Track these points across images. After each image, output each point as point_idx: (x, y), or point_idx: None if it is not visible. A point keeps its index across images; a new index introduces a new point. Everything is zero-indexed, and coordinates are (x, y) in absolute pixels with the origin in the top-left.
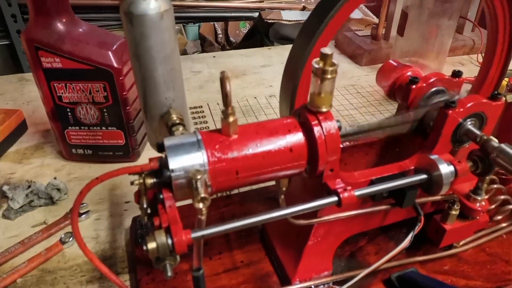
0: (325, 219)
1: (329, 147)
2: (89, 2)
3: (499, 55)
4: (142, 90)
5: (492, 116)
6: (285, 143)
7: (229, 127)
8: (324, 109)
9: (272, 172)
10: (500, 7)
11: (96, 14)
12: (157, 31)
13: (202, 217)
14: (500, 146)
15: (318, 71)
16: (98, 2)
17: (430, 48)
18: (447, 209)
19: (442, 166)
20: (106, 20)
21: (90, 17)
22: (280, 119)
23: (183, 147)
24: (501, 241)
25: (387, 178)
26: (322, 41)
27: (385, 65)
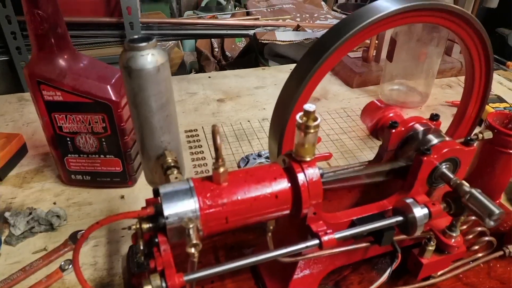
0: (309, 257)
1: (312, 193)
2: (89, 20)
3: (475, 97)
4: (139, 134)
5: (465, 160)
6: (271, 190)
7: (219, 177)
8: (308, 158)
9: (259, 216)
10: (477, 56)
11: (96, 31)
12: (154, 83)
13: (195, 260)
14: (471, 191)
15: (302, 126)
16: (98, 20)
17: (418, 72)
18: (424, 245)
19: (416, 210)
20: (106, 37)
21: (91, 33)
22: (267, 167)
23: (177, 195)
24: (477, 270)
25: (366, 218)
26: (312, 84)
27: (369, 105)
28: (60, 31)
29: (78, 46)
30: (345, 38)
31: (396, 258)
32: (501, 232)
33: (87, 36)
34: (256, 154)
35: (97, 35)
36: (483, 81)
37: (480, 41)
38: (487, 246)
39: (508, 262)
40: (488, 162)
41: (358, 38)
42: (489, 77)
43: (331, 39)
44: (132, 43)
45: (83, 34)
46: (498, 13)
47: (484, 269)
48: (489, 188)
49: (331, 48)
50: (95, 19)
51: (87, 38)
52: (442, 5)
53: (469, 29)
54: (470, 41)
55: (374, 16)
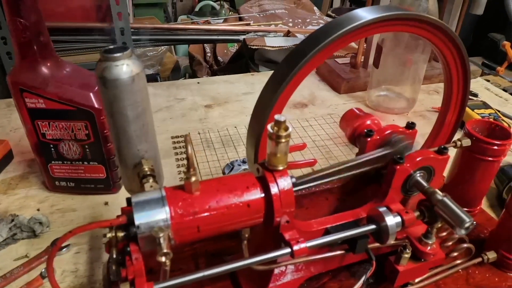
0: (282, 265)
1: (284, 202)
2: (80, 25)
3: (454, 104)
4: (116, 143)
5: (439, 169)
6: (243, 199)
7: (191, 186)
8: (281, 168)
9: (232, 225)
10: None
11: (87, 37)
12: (129, 93)
13: (166, 268)
14: (443, 200)
15: (273, 136)
16: (89, 25)
17: (405, 78)
18: (400, 252)
19: (389, 218)
20: (97, 42)
21: (82, 39)
22: (240, 176)
23: (148, 204)
24: (456, 277)
25: (340, 227)
26: (289, 90)
27: (348, 113)
28: (43, 39)
29: (69, 51)
30: (321, 46)
31: (371, 266)
32: (481, 239)
33: (78, 42)
34: (241, 160)
35: (88, 40)
36: (461, 88)
37: (457, 50)
38: (466, 253)
39: (487, 269)
40: (467, 169)
41: (335, 46)
42: (466, 84)
43: (308, 47)
44: (107, 54)
45: (73, 40)
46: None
47: (463, 276)
48: (469, 195)
49: (308, 55)
50: (86, 25)
51: (78, 43)
52: (418, 15)
53: (445, 39)
54: (446, 51)
55: (350, 25)
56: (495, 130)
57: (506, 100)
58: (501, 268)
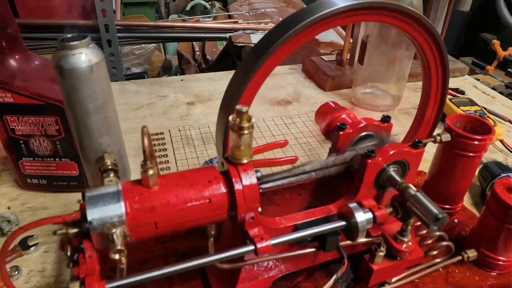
0: (248, 263)
1: (248, 197)
2: (64, 22)
3: (433, 99)
4: (78, 137)
5: (413, 163)
6: (204, 194)
7: (148, 180)
8: (245, 161)
9: (192, 221)
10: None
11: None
12: (87, 84)
13: (122, 266)
14: (415, 195)
15: (235, 127)
16: (73, 22)
17: (389, 75)
18: (374, 250)
19: (359, 214)
20: None
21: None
22: (202, 170)
23: (103, 199)
24: (435, 276)
25: (309, 223)
26: (258, 80)
27: (323, 106)
28: (10, 32)
29: (52, 48)
30: (290, 34)
31: (342, 264)
32: (462, 237)
33: None
34: None
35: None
36: (440, 82)
37: (434, 42)
38: (446, 251)
39: (467, 268)
40: (448, 165)
41: (306, 34)
42: (445, 79)
43: (278, 34)
44: (64, 42)
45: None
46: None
47: (442, 275)
48: (450, 192)
49: (276, 43)
50: (70, 21)
51: None
52: (392, 4)
53: (422, 31)
54: (423, 42)
55: (320, 13)
56: (476, 125)
57: (493, 97)
58: (481, 267)
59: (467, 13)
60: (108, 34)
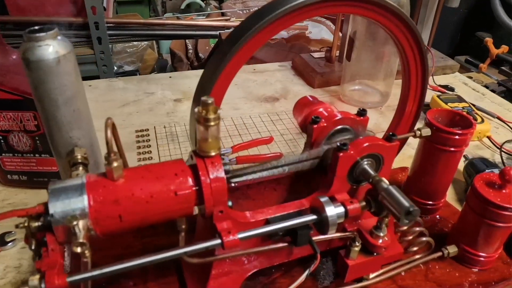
0: (218, 258)
1: (215, 191)
2: (54, 19)
3: (413, 93)
4: (47, 130)
5: (388, 157)
6: (170, 187)
7: (113, 172)
8: (213, 153)
9: (158, 215)
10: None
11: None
12: (54, 76)
13: (86, 260)
14: (388, 188)
15: (201, 119)
16: (63, 20)
17: (377, 71)
18: (349, 245)
19: (329, 209)
20: (72, 37)
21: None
22: (169, 163)
23: (66, 191)
24: (415, 272)
25: (281, 218)
26: (231, 68)
27: (301, 100)
28: None
29: None
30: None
31: (315, 259)
32: (444, 233)
33: None
34: None
35: (63, 35)
36: (420, 76)
37: (412, 35)
38: (428, 247)
39: (448, 264)
40: (429, 160)
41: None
42: (424, 72)
43: (251, 23)
44: (30, 33)
45: None
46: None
47: (422, 271)
48: (432, 188)
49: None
50: (60, 19)
51: None
52: None
53: (398, 23)
54: (400, 35)
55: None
56: (457, 119)
57: (483, 94)
58: (462, 263)
59: (462, 12)
60: (98, 32)
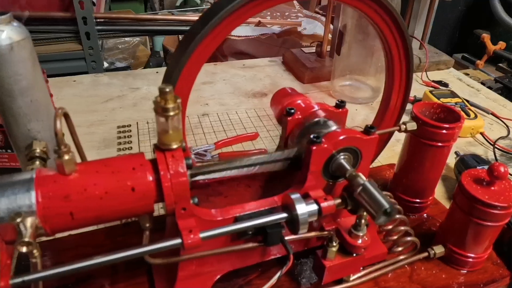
0: (183, 259)
1: (176, 187)
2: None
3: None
4: (4, 122)
5: (366, 151)
6: (126, 182)
7: (63, 166)
8: (175, 146)
9: (114, 213)
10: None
11: (49, 26)
12: (7, 64)
13: (34, 260)
14: (364, 184)
15: (159, 109)
16: (50, 15)
17: (368, 66)
18: (326, 245)
19: (300, 206)
20: (60, 32)
21: (43, 29)
22: (127, 156)
23: (13, 187)
24: (399, 274)
25: (249, 216)
26: (201, 52)
27: (279, 91)
28: None
29: None
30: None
31: (288, 260)
32: (432, 232)
33: (39, 32)
34: None
35: (50, 30)
36: (404, 67)
37: (393, 22)
38: (413, 247)
39: (434, 265)
40: (416, 156)
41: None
42: (409, 62)
43: (223, 4)
44: None
45: (35, 29)
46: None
47: (407, 272)
48: (419, 185)
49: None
50: (47, 14)
51: (40, 33)
52: None
53: (380, 11)
54: (382, 23)
55: None
56: (445, 113)
57: (478, 90)
58: (450, 264)
59: (461, 9)
60: (86, 27)
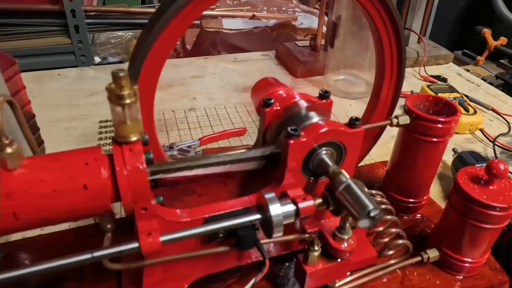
0: (147, 264)
1: (133, 184)
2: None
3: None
4: None
5: (351, 146)
6: (78, 179)
7: (6, 160)
8: (134, 138)
9: (65, 213)
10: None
11: (37, 20)
12: None
13: None
14: (347, 182)
15: (114, 97)
16: (38, 8)
17: (363, 60)
18: (307, 249)
19: (274, 207)
20: (48, 26)
21: (31, 22)
22: (81, 150)
23: None
24: (389, 279)
25: (219, 217)
26: (169, 35)
27: (260, 81)
28: None
29: (17, 35)
30: None
31: (264, 265)
32: (426, 235)
33: (27, 25)
34: (167, 146)
35: (38, 23)
36: (395, 56)
37: (387, 12)
38: (406, 251)
39: (428, 270)
40: (409, 152)
41: None
42: (401, 50)
43: None
44: None
45: (23, 23)
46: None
47: (398, 278)
48: (413, 183)
49: None
50: (35, 7)
51: (28, 26)
52: None
53: None
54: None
55: None
56: (440, 107)
57: (477, 85)
58: (444, 269)
59: (462, 6)
60: (75, 20)
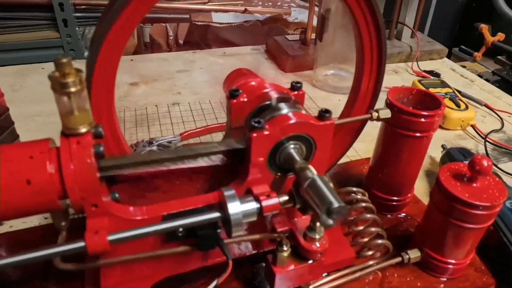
0: (100, 264)
1: (80, 178)
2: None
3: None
4: None
5: (321, 140)
6: (21, 174)
7: None
8: (83, 130)
9: (8, 210)
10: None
11: (24, 13)
12: None
13: None
14: (312, 178)
15: (57, 85)
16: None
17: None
18: (275, 250)
19: (232, 205)
20: (35, 19)
21: (17, 15)
22: (26, 144)
23: None
24: (367, 281)
25: (176, 215)
26: (126, 22)
27: (233, 72)
28: None
29: (4, 29)
30: None
31: (226, 267)
32: (410, 234)
33: (13, 18)
34: (147, 141)
35: (25, 17)
36: (375, 45)
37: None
38: (386, 251)
39: (409, 271)
40: (391, 148)
41: None
42: (380, 39)
43: None
44: None
45: (8, 16)
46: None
47: (377, 279)
48: (396, 180)
49: None
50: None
51: (13, 20)
52: None
53: None
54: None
55: None
56: (426, 100)
57: (471, 81)
58: (426, 270)
59: (461, 2)
60: (63, 13)
